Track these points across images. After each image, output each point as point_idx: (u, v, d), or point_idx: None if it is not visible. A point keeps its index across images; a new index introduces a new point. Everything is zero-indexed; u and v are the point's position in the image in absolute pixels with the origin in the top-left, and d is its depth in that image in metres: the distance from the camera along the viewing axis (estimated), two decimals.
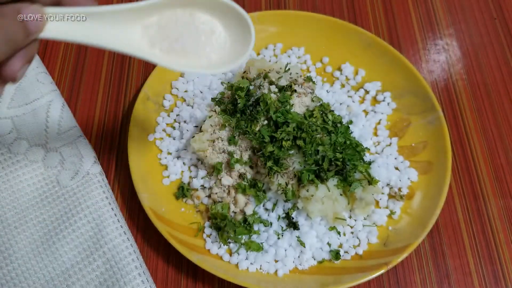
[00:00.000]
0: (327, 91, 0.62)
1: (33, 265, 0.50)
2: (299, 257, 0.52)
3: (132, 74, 0.65)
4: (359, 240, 0.53)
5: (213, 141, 0.54)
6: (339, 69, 0.64)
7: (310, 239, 0.52)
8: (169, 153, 0.58)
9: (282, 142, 0.51)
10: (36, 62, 0.62)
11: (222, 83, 0.61)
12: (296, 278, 0.50)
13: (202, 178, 0.56)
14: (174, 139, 0.59)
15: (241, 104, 0.54)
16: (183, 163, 0.57)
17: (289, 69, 0.57)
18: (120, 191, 0.57)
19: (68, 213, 0.53)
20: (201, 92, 0.62)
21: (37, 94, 0.59)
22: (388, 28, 0.70)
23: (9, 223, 0.52)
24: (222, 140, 0.54)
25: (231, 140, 0.54)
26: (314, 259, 0.52)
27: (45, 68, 0.63)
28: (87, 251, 0.51)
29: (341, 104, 0.61)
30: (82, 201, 0.53)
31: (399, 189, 0.56)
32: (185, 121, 0.60)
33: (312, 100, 0.56)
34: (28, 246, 0.51)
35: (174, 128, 0.60)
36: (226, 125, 0.54)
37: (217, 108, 0.56)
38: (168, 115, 0.60)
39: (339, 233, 0.53)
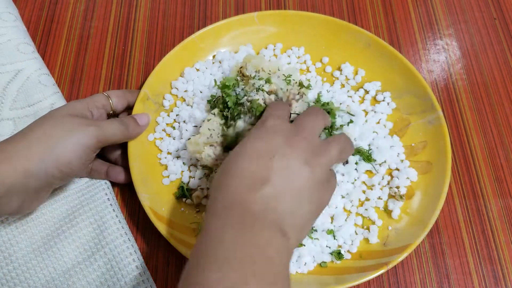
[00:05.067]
0: (327, 90, 0.62)
1: (34, 265, 0.50)
2: (296, 261, 0.51)
3: (132, 74, 0.65)
4: (359, 240, 0.53)
5: (210, 145, 0.54)
6: (339, 69, 0.64)
7: (308, 244, 0.52)
8: (169, 153, 0.58)
9: None
10: (39, 63, 0.62)
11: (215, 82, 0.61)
12: (295, 278, 0.50)
13: (199, 179, 0.55)
14: (174, 139, 0.59)
15: (231, 103, 0.54)
16: (183, 163, 0.57)
17: (290, 78, 0.56)
18: (120, 191, 0.57)
19: (71, 214, 0.53)
20: (201, 92, 0.62)
21: (40, 96, 0.59)
22: (388, 28, 0.70)
23: (9, 222, 0.52)
24: (218, 146, 0.54)
25: (226, 147, 0.54)
26: (314, 262, 0.51)
27: (48, 69, 0.63)
28: (88, 252, 0.51)
29: (340, 104, 0.61)
30: (85, 203, 0.53)
31: (398, 188, 0.56)
32: (184, 121, 0.60)
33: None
34: (29, 246, 0.51)
35: (174, 128, 0.60)
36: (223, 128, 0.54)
37: (216, 111, 0.55)
38: (168, 115, 0.60)
39: (334, 237, 0.53)
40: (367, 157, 0.56)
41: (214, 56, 0.65)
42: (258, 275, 0.32)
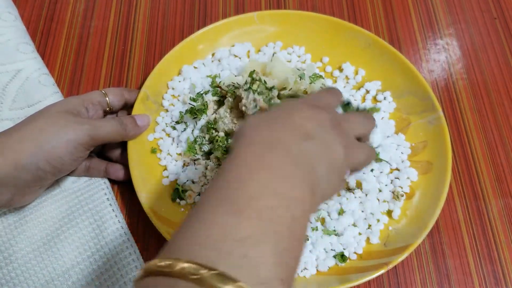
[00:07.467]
0: None
1: (34, 265, 0.50)
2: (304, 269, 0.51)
3: (131, 73, 0.65)
4: (363, 240, 0.53)
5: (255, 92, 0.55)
6: (339, 69, 0.64)
7: (313, 252, 0.51)
8: (169, 154, 0.58)
9: None
10: (39, 63, 0.62)
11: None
12: (295, 279, 0.50)
13: (194, 181, 0.55)
14: (173, 139, 0.59)
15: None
16: (183, 164, 0.57)
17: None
18: (119, 191, 0.57)
19: (70, 215, 0.52)
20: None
21: (40, 96, 0.59)
22: (388, 28, 0.70)
23: (9, 223, 0.52)
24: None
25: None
26: (318, 267, 0.51)
27: (47, 69, 0.63)
28: (88, 252, 0.51)
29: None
30: (84, 203, 0.53)
31: (401, 188, 0.55)
32: (177, 122, 0.59)
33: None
34: (29, 246, 0.51)
35: (174, 128, 0.59)
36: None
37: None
38: (167, 115, 0.60)
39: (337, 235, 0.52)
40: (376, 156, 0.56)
41: (213, 55, 0.65)
42: (275, 235, 0.28)
